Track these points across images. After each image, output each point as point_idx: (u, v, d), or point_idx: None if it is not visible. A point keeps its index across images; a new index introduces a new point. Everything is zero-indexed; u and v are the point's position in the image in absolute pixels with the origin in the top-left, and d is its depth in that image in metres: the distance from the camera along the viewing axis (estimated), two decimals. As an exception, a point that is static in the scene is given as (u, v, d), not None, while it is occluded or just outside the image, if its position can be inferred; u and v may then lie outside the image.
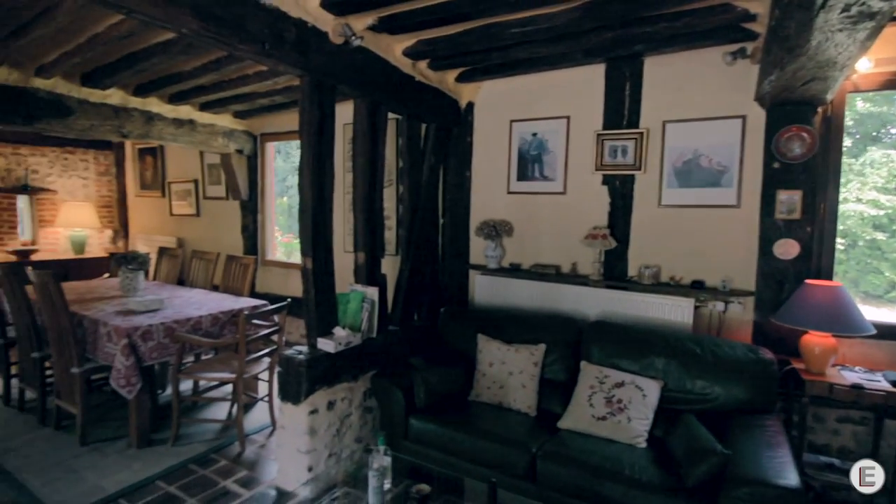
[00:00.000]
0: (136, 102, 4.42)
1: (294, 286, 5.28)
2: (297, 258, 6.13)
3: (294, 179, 8.59)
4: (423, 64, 3.33)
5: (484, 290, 3.82)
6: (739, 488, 1.93)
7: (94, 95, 4.12)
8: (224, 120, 5.20)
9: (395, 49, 3.06)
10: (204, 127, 5.01)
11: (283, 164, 7.89)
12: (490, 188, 3.97)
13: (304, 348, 2.80)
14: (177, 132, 4.77)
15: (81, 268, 5.97)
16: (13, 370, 3.87)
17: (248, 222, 5.63)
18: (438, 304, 3.93)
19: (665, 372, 2.74)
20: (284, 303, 3.49)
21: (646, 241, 3.36)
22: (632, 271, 3.39)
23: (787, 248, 2.85)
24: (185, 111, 4.81)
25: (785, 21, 1.78)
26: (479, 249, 3.99)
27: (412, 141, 3.57)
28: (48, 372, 3.55)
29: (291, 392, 2.70)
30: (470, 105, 4.01)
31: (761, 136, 2.94)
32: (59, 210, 6.19)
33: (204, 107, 4.85)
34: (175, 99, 4.55)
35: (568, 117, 3.60)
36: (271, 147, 5.60)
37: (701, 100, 3.13)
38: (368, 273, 3.18)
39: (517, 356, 3.04)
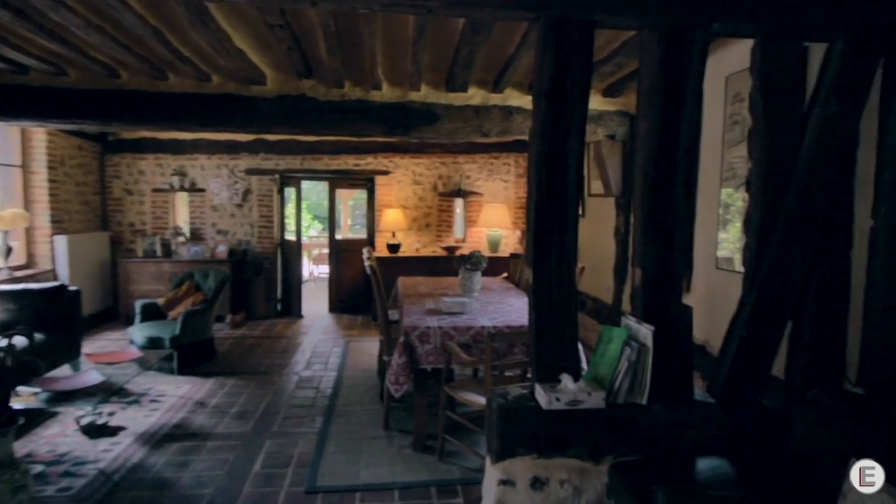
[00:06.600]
0: (495, 99, 4.37)
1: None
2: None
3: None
4: None
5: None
6: None
7: (458, 99, 4.33)
8: (591, 102, 4.48)
9: None
10: (565, 114, 4.48)
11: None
12: None
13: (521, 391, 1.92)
14: (535, 124, 4.45)
15: (491, 265, 6.57)
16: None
17: (619, 224, 4.72)
18: (817, 373, 2.00)
19: None
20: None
21: None
22: None
23: None
24: (544, 100, 4.43)
25: None
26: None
27: (774, 81, 1.98)
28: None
29: (490, 444, 1.99)
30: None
31: None
32: (482, 211, 7.04)
33: (562, 91, 4.32)
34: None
35: None
36: (643, 127, 4.47)
37: None
38: (647, 301, 1.84)
39: None
